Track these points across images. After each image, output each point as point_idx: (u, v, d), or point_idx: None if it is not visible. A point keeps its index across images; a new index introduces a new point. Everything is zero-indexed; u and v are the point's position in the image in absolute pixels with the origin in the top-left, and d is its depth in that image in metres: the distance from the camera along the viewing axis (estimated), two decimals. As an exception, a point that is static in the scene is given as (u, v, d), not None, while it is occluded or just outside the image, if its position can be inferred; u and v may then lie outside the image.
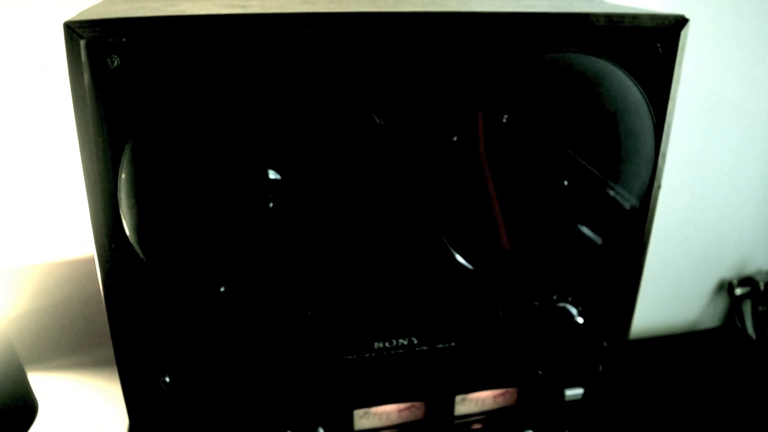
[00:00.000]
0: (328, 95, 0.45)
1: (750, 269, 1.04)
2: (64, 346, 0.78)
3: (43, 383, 0.77)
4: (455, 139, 0.48)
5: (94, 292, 0.74)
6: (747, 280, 1.01)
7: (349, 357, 0.54)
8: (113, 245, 0.46)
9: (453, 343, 0.56)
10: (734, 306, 1.04)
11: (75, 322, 0.77)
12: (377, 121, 0.46)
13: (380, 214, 0.50)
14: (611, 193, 0.53)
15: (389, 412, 0.59)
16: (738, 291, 1.01)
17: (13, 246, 0.74)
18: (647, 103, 0.51)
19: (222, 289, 0.48)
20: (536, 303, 0.57)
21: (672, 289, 1.01)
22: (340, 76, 0.45)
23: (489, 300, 0.56)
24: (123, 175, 0.43)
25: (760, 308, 1.00)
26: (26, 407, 0.64)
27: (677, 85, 0.52)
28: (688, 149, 0.92)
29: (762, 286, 1.00)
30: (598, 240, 0.54)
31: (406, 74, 0.46)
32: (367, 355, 0.55)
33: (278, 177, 0.46)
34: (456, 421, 0.61)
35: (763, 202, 1.00)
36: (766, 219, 1.01)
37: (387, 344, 0.55)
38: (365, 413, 0.58)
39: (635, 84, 0.50)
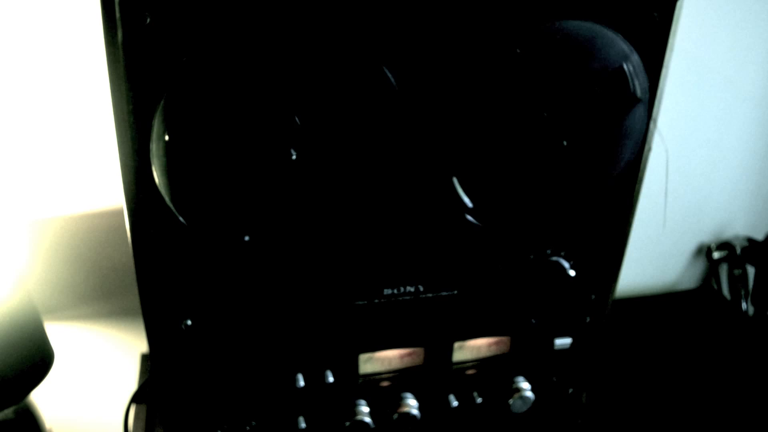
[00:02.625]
0: (345, 51, 0.47)
1: (728, 234, 1.07)
2: (80, 297, 0.80)
3: (59, 332, 0.80)
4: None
5: (109, 245, 0.77)
6: (725, 245, 1.05)
7: (360, 303, 0.58)
8: (142, 196, 0.48)
9: (455, 291, 0.60)
10: (712, 269, 1.07)
11: (89, 274, 0.79)
12: (389, 76, 0.49)
13: (392, 169, 0.52)
14: (606, 154, 0.56)
15: (391, 357, 0.62)
16: (716, 255, 1.05)
17: (35, 198, 0.75)
18: (643, 69, 0.54)
19: (246, 239, 0.51)
20: (531, 256, 0.61)
21: (653, 252, 1.04)
22: (355, 31, 0.47)
23: (489, 252, 0.59)
24: (155, 129, 0.46)
25: (736, 271, 1.04)
26: (42, 357, 0.66)
27: (671, 53, 0.55)
28: (673, 117, 0.95)
29: (738, 250, 1.04)
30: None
31: (414, 33, 0.49)
32: (377, 300, 0.58)
33: (298, 130, 0.48)
34: (452, 367, 0.65)
35: (743, 171, 1.03)
36: (744, 187, 1.04)
37: (395, 291, 0.58)
38: (369, 358, 0.62)
39: (632, 50, 0.53)
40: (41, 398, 0.71)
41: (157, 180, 0.47)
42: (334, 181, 0.51)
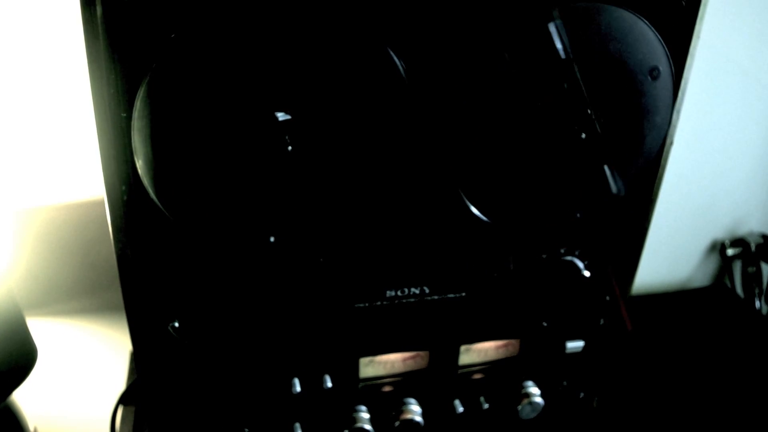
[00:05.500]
0: (345, 32, 0.44)
1: (742, 231, 1.05)
2: (66, 291, 0.77)
3: (43, 329, 0.77)
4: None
5: (97, 237, 0.74)
6: (739, 241, 1.03)
7: (361, 305, 0.55)
8: (124, 187, 0.45)
9: (463, 294, 0.57)
10: (725, 266, 1.05)
11: (77, 267, 0.76)
12: (399, 68, 0.45)
13: (397, 162, 0.49)
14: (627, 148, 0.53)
15: (393, 360, 0.60)
16: (730, 252, 1.03)
17: (17, 188, 0.72)
18: (668, 57, 0.50)
19: (245, 238, 0.48)
20: (544, 256, 0.57)
21: (666, 249, 1.02)
22: (360, 12, 0.44)
23: (500, 252, 0.56)
24: (137, 114, 0.42)
25: (750, 269, 1.02)
26: (25, 355, 0.64)
27: (697, 41, 0.52)
28: (687, 110, 0.92)
29: (753, 247, 1.02)
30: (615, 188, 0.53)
31: (425, 18, 0.45)
32: (378, 303, 0.55)
33: (293, 119, 0.45)
34: (458, 371, 0.62)
35: (758, 166, 1.00)
36: (759, 182, 1.02)
37: (399, 293, 0.55)
38: (370, 361, 0.59)
39: (657, 37, 0.49)
40: (25, 398, 0.68)
41: (140, 170, 0.44)
42: (334, 174, 0.48)
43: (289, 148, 0.45)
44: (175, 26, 0.41)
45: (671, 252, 1.03)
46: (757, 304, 1.01)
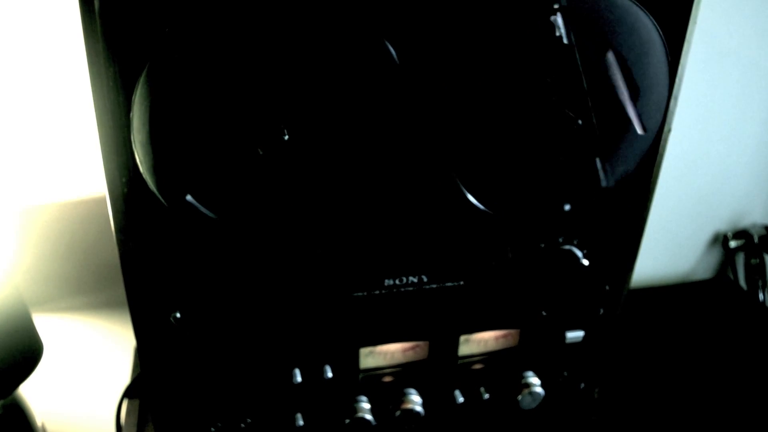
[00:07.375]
0: (340, 23, 0.44)
1: (745, 222, 1.05)
2: (71, 288, 0.78)
3: (49, 324, 0.78)
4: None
5: (100, 233, 0.75)
6: (741, 233, 1.03)
7: (359, 294, 0.55)
8: (125, 180, 0.45)
9: (461, 282, 0.57)
10: (728, 258, 1.05)
11: (80, 263, 0.77)
12: (392, 54, 0.45)
13: (395, 151, 0.49)
14: (624, 135, 0.53)
15: (393, 351, 0.60)
16: (732, 243, 1.02)
17: (21, 187, 0.73)
18: (664, 44, 0.50)
19: (235, 228, 0.48)
20: (542, 245, 0.58)
21: (667, 241, 1.02)
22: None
23: (498, 241, 0.56)
24: (136, 107, 0.42)
25: (753, 261, 1.02)
26: (31, 349, 0.65)
27: (693, 27, 0.52)
28: (689, 100, 0.91)
29: (756, 239, 1.01)
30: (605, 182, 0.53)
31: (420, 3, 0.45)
32: (377, 292, 0.55)
33: (289, 109, 0.45)
34: (458, 362, 0.62)
35: (761, 157, 1.00)
36: (762, 173, 1.02)
37: (397, 281, 0.55)
38: (370, 352, 0.59)
39: (653, 23, 0.49)
40: (33, 393, 0.68)
41: (139, 163, 0.44)
42: (331, 162, 0.48)
43: (286, 137, 0.45)
44: (171, 19, 0.41)
45: (673, 244, 1.03)
46: (761, 296, 1.00)
